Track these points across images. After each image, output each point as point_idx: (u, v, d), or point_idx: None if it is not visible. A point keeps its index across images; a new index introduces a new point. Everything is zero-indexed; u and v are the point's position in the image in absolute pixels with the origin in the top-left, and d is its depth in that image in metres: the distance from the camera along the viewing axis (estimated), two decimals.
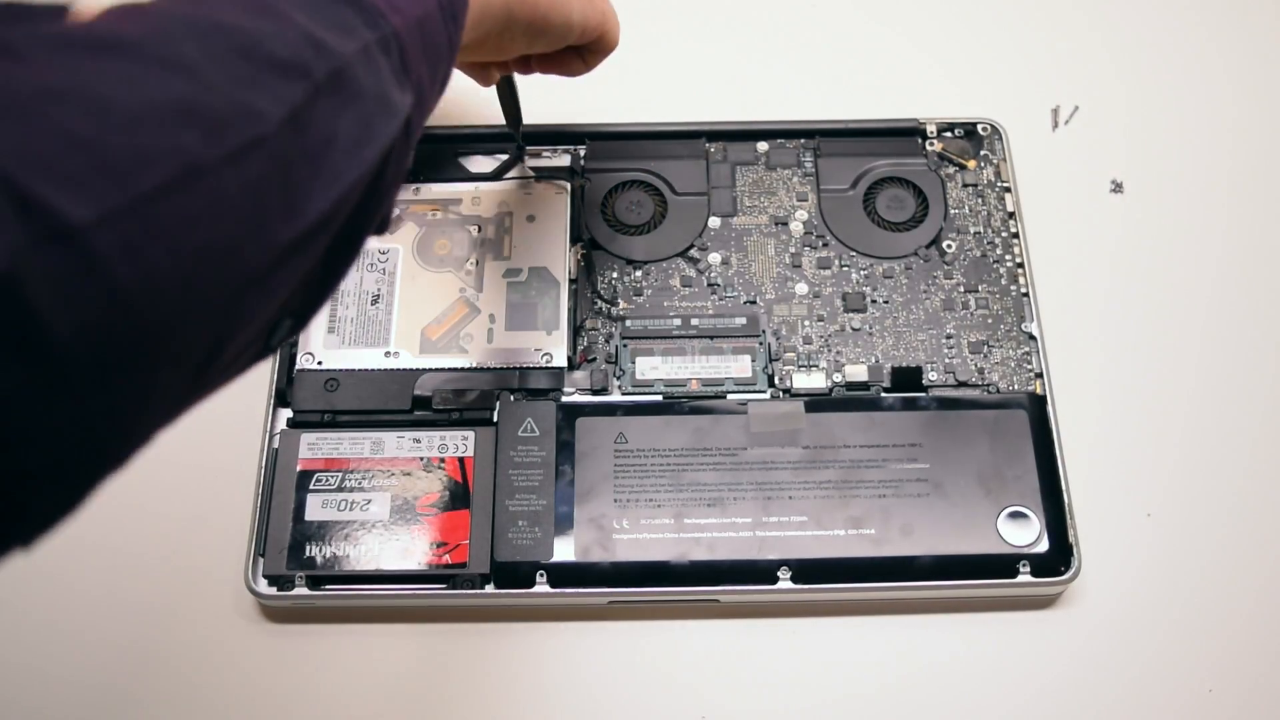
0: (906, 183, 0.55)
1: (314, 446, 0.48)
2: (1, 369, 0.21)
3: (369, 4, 0.31)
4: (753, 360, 0.51)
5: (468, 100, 0.56)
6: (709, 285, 0.53)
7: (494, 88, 0.49)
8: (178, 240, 0.24)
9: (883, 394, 0.50)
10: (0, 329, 0.21)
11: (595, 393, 0.50)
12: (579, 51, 0.46)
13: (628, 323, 0.52)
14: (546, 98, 0.52)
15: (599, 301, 0.52)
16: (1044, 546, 0.47)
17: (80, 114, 0.23)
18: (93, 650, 0.48)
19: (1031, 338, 0.52)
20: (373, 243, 0.53)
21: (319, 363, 0.50)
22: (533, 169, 0.55)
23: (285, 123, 0.27)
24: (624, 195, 0.55)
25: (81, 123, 0.23)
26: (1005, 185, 0.55)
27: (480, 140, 0.56)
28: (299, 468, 0.48)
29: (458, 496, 0.48)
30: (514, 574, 0.46)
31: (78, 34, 0.25)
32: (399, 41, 0.32)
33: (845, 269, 0.53)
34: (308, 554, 0.46)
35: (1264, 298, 0.55)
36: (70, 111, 0.23)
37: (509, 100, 0.50)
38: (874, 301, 0.53)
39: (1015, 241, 0.54)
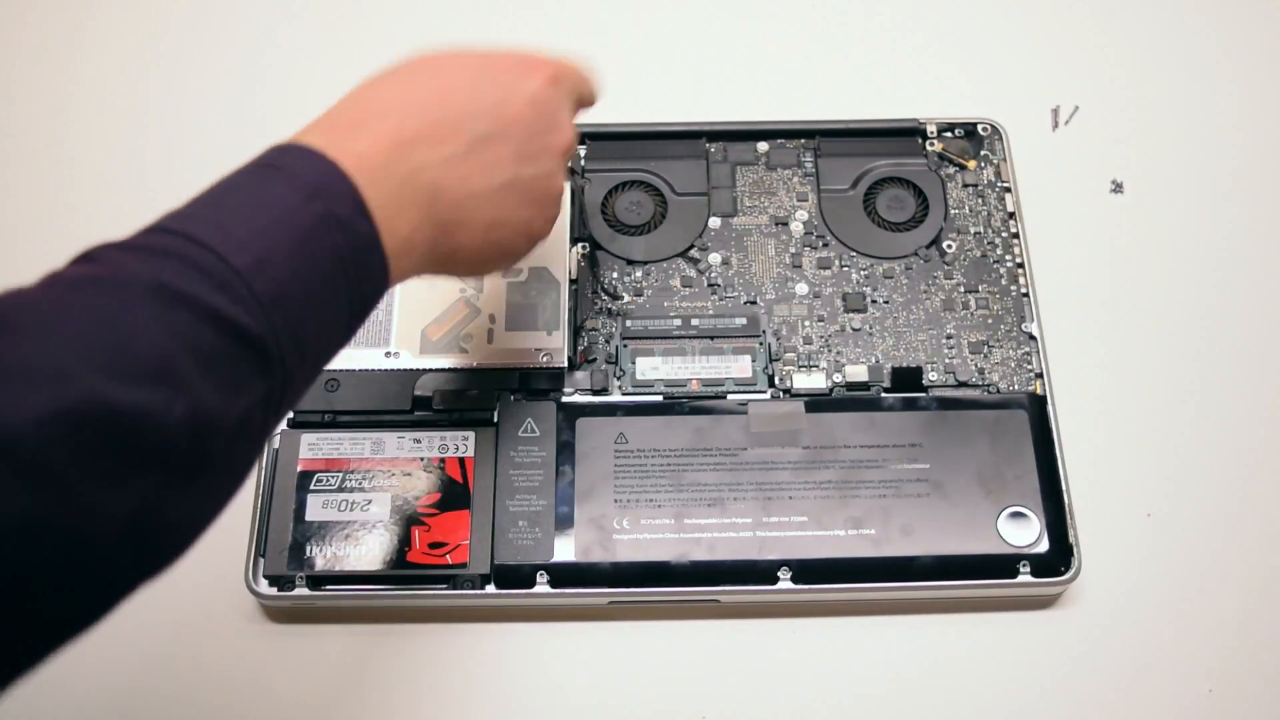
0: (907, 183, 0.55)
1: (314, 447, 0.48)
2: None
3: (273, 352, 0.30)
4: (753, 360, 0.51)
5: None
6: (709, 285, 0.53)
7: None
8: None
9: (883, 394, 0.50)
10: None
11: (595, 393, 0.50)
12: None
13: (628, 323, 0.52)
14: None
15: (602, 295, 0.52)
16: (1044, 546, 0.47)
17: None
18: (92, 650, 0.48)
19: (1031, 338, 0.52)
20: None
21: None
22: None
23: (125, 520, 0.27)
24: (624, 195, 0.55)
25: None
26: (1005, 185, 0.55)
27: None
28: (299, 468, 0.48)
29: (458, 497, 0.48)
30: (514, 574, 0.46)
31: None
32: (285, 381, 0.31)
33: (845, 269, 0.53)
34: (308, 554, 0.46)
35: (1264, 298, 0.55)
36: None
37: None
38: (874, 301, 0.53)
39: (1015, 241, 0.54)
